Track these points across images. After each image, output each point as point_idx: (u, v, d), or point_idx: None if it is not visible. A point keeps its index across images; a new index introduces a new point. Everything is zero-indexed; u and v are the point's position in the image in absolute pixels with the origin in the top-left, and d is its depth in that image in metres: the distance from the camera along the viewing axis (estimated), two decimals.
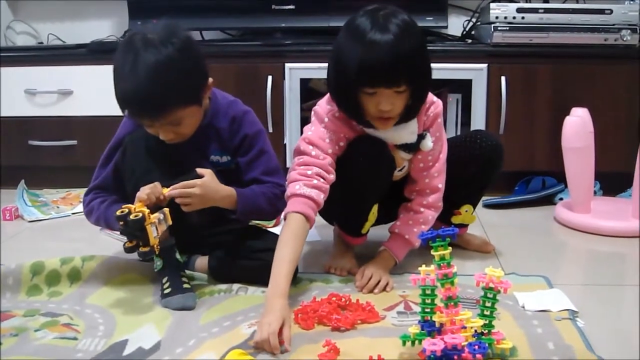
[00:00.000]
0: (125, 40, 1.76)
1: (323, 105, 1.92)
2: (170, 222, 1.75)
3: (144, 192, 1.73)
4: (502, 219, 2.58)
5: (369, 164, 1.88)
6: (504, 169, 2.15)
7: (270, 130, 2.79)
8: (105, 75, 1.80)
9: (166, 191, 1.75)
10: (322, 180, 1.82)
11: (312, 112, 1.95)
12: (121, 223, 1.66)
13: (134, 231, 1.66)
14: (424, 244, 1.51)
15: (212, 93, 1.91)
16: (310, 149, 1.86)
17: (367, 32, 1.72)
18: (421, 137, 1.93)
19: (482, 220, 2.51)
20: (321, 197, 1.81)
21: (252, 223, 2.06)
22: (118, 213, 1.66)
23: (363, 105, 1.80)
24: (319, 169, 1.83)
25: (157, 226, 1.68)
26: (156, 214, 1.70)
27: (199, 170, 1.79)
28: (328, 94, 1.91)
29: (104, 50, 2.86)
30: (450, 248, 1.47)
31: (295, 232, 1.76)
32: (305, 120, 2.15)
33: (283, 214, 1.81)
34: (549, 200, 2.75)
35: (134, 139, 1.86)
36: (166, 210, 1.74)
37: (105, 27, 3.38)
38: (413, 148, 1.94)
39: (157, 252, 1.71)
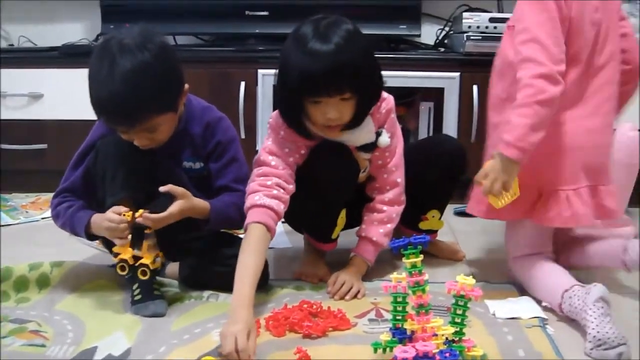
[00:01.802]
0: (101, 45, 1.75)
1: (276, 118, 1.92)
2: (155, 239, 1.79)
3: (111, 219, 1.73)
4: (473, 227, 2.58)
5: (333, 169, 1.90)
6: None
7: (243, 136, 2.78)
8: (76, 79, 1.79)
9: (138, 215, 1.74)
10: (281, 190, 1.83)
11: (268, 125, 1.95)
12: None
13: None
14: (396, 252, 1.52)
15: (187, 98, 1.90)
16: (269, 159, 1.87)
17: (308, 41, 1.75)
18: (377, 134, 1.95)
19: (453, 228, 2.52)
20: (281, 208, 1.81)
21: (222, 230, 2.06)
22: (120, 272, 1.78)
23: (310, 115, 1.81)
24: (278, 179, 1.84)
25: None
26: (145, 244, 1.77)
27: (173, 190, 1.77)
28: None
29: (75, 53, 2.84)
30: (421, 256, 1.48)
31: (257, 241, 1.76)
32: None
33: (244, 225, 1.80)
34: None
35: (107, 143, 1.84)
36: (148, 230, 1.76)
37: (77, 30, 3.35)
38: (372, 147, 1.96)
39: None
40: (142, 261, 1.76)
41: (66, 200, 1.89)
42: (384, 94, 1.97)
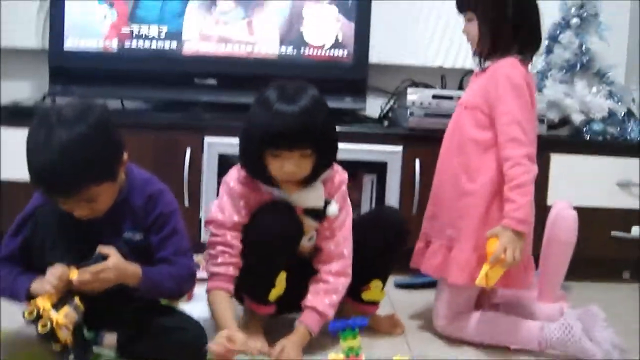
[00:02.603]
0: (39, 115, 1.75)
1: (231, 172, 2.05)
2: (82, 309, 1.74)
3: (50, 281, 1.71)
4: (413, 299, 2.61)
5: (275, 226, 1.96)
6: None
7: (187, 204, 2.78)
8: (18, 138, 1.79)
9: (75, 275, 1.73)
10: (226, 255, 1.98)
11: (222, 180, 2.05)
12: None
13: (45, 340, 1.68)
14: (334, 334, 1.53)
15: (129, 169, 1.90)
16: (212, 228, 2.02)
17: (274, 103, 1.89)
18: (327, 202, 2.03)
19: (392, 300, 2.54)
20: (230, 269, 1.99)
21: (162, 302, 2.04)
22: (27, 316, 1.67)
23: (270, 167, 1.92)
24: (222, 247, 1.98)
25: (67, 326, 1.69)
26: (66, 308, 1.70)
27: (103, 250, 1.77)
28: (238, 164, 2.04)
29: (19, 113, 2.82)
30: (359, 338, 1.50)
31: (222, 300, 1.94)
32: None
33: (206, 290, 1.94)
34: None
35: (45, 213, 1.83)
36: (77, 298, 1.73)
37: (24, 88, 3.32)
38: (320, 215, 2.02)
39: (72, 348, 1.71)
40: (51, 315, 1.68)
41: (5, 266, 1.87)
42: (339, 169, 2.09)
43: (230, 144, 2.71)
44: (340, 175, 2.10)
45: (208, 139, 2.80)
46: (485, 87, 2.13)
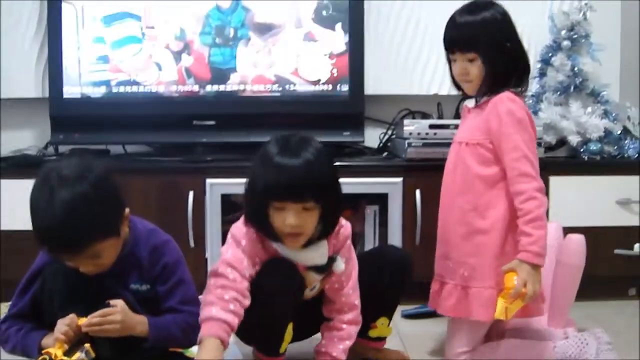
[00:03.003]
0: (41, 176, 1.78)
1: (240, 227, 1.98)
2: (93, 355, 1.75)
3: (60, 330, 1.73)
4: (420, 329, 2.63)
5: (277, 285, 1.94)
6: (421, 279, 2.30)
7: (192, 245, 2.82)
8: (23, 189, 1.82)
9: (84, 322, 1.76)
10: (238, 304, 1.86)
11: (229, 234, 2.00)
12: None
13: None
14: None
15: (132, 221, 1.93)
16: (228, 272, 1.89)
17: (276, 156, 1.87)
18: (332, 259, 2.02)
19: (400, 331, 2.56)
20: (236, 322, 1.84)
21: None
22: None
23: (272, 221, 1.89)
24: (236, 294, 1.86)
25: None
26: (78, 354, 1.71)
27: (111, 302, 1.81)
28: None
29: (23, 164, 2.87)
30: None
31: (212, 353, 1.77)
32: (226, 235, 2.19)
33: (198, 337, 1.81)
34: None
35: (54, 270, 1.86)
36: (87, 345, 1.74)
37: (26, 137, 3.36)
38: (324, 270, 2.02)
39: None
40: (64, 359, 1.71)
41: (15, 324, 1.89)
42: (343, 221, 2.05)
43: (231, 183, 2.78)
44: (345, 229, 2.07)
45: (210, 181, 2.84)
46: (486, 123, 2.13)
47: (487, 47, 2.12)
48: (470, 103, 2.32)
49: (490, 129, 2.12)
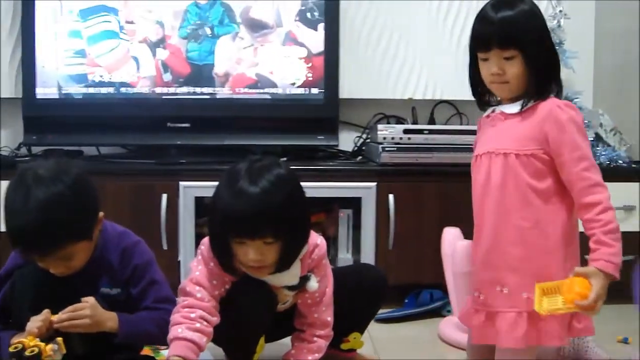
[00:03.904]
0: (17, 176, 1.78)
1: (208, 248, 1.95)
2: (64, 351, 1.74)
3: (35, 324, 1.72)
4: (392, 334, 2.64)
5: (249, 304, 1.93)
6: (394, 282, 2.33)
7: (165, 247, 2.81)
8: None
9: (55, 317, 1.75)
10: (205, 323, 1.86)
11: (199, 250, 1.98)
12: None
13: None
14: None
15: (102, 225, 1.93)
16: (196, 291, 1.90)
17: (239, 180, 1.81)
18: (306, 278, 1.99)
19: (372, 335, 2.56)
20: (204, 341, 1.84)
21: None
22: (12, 349, 1.66)
23: (235, 253, 1.85)
24: (203, 312, 1.87)
25: (53, 359, 1.68)
26: (50, 345, 1.70)
27: (82, 299, 1.80)
28: None
29: None
30: None
31: None
32: (200, 237, 2.18)
33: (166, 356, 1.82)
34: (437, 313, 2.83)
35: (24, 273, 1.85)
36: (59, 339, 1.73)
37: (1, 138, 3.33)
38: (297, 288, 2.00)
39: None
40: (38, 343, 1.68)
41: None
42: (317, 240, 2.02)
43: (205, 186, 2.76)
44: (320, 249, 2.02)
45: (183, 183, 2.83)
46: (540, 132, 1.96)
47: (529, 43, 1.95)
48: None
49: (548, 139, 1.95)
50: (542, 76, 1.97)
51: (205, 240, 1.97)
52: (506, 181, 1.98)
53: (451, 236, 2.52)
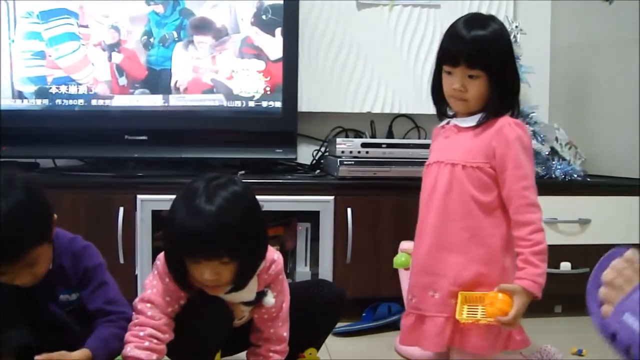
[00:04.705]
0: None
1: (164, 264, 1.92)
2: None
3: None
4: (349, 347, 2.64)
5: (204, 320, 1.92)
6: (352, 295, 2.33)
7: (122, 261, 2.78)
8: None
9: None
10: (155, 341, 1.86)
11: (154, 265, 1.97)
12: None
13: None
14: None
15: (54, 233, 1.92)
16: (147, 308, 1.89)
17: (195, 198, 1.78)
18: (262, 294, 1.99)
19: (330, 349, 2.56)
20: (153, 358, 1.84)
21: None
22: None
23: (190, 271, 1.83)
24: (152, 330, 1.86)
25: None
26: None
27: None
28: None
29: None
30: None
31: None
32: (157, 251, 2.17)
33: None
34: (395, 326, 2.84)
35: None
36: None
37: None
38: (253, 303, 2.00)
39: None
40: None
41: None
42: (274, 256, 2.02)
43: (162, 199, 2.73)
44: (277, 264, 2.01)
45: (140, 197, 2.80)
46: (488, 147, 2.03)
47: (495, 65, 2.00)
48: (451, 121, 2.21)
49: (495, 154, 2.02)
50: (503, 97, 2.03)
51: (161, 255, 1.95)
52: (451, 190, 2.07)
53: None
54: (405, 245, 2.36)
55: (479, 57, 2.00)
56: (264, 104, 3.06)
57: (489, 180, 2.04)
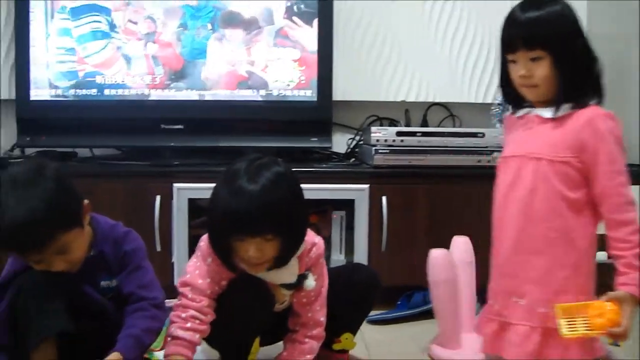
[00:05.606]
0: None
1: (207, 244, 1.96)
2: None
3: None
4: (385, 335, 2.65)
5: (245, 303, 1.95)
6: (387, 283, 2.30)
7: (159, 249, 2.82)
8: None
9: None
10: (197, 322, 1.89)
11: (198, 246, 2.00)
12: None
13: None
14: None
15: (95, 221, 1.95)
16: (188, 291, 1.93)
17: (238, 178, 1.81)
18: (303, 277, 2.01)
19: (365, 337, 2.57)
20: (196, 337, 1.89)
21: None
22: None
23: (235, 250, 1.87)
24: (194, 312, 1.90)
25: None
26: None
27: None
28: None
29: None
30: None
31: None
32: (193, 239, 2.19)
33: (164, 354, 1.86)
34: (430, 314, 2.84)
35: (27, 277, 1.84)
36: None
37: None
38: (294, 286, 2.02)
39: None
40: None
41: None
42: (315, 239, 2.04)
43: (198, 188, 2.78)
44: (317, 247, 2.04)
45: (177, 185, 2.84)
46: (577, 139, 1.83)
47: (557, 44, 1.83)
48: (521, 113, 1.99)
49: (584, 147, 1.83)
50: (574, 80, 1.85)
51: (205, 236, 1.98)
52: (536, 187, 1.85)
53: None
54: None
55: (536, 36, 1.84)
56: (299, 93, 3.08)
57: (577, 176, 1.84)
